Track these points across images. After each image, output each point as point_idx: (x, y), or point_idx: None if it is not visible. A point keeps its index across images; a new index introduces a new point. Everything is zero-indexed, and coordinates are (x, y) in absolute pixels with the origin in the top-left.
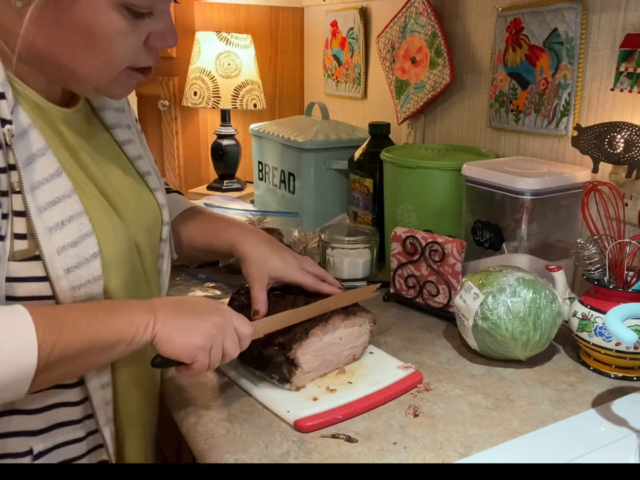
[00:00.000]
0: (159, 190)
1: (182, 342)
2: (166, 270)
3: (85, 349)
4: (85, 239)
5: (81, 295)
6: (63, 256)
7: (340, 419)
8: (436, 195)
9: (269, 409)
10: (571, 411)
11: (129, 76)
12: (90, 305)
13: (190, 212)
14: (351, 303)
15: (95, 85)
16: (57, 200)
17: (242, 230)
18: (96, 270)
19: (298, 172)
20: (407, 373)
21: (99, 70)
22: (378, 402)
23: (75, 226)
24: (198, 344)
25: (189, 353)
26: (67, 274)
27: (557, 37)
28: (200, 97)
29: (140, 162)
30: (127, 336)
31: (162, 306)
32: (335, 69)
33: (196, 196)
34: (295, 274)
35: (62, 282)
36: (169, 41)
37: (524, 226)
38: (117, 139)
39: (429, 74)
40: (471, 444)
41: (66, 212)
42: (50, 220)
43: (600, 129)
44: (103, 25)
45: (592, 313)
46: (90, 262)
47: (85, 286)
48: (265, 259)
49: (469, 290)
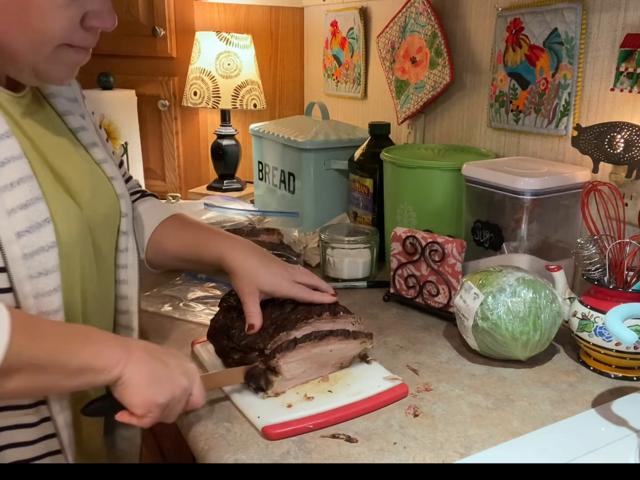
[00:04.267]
0: (117, 179)
1: (146, 393)
2: (133, 263)
3: (53, 366)
4: (36, 203)
5: (35, 265)
6: (13, 218)
7: (311, 428)
8: (436, 195)
9: (242, 413)
10: (571, 411)
11: (64, 54)
12: (71, 325)
13: (173, 220)
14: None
15: (31, 64)
16: (5, 162)
17: (230, 243)
18: (49, 236)
19: (298, 172)
20: (392, 385)
21: (33, 46)
22: (354, 413)
23: (25, 188)
24: (159, 402)
25: (146, 407)
26: (19, 238)
27: (557, 37)
28: (200, 97)
29: (96, 150)
30: (97, 366)
31: (137, 348)
32: (335, 69)
33: (196, 196)
34: (286, 288)
35: (13, 247)
36: (106, 22)
37: (524, 226)
38: (70, 126)
39: (429, 74)
40: (471, 444)
41: (15, 174)
42: (8, 203)
43: (600, 129)
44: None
45: (592, 313)
46: (43, 227)
47: (39, 254)
48: (255, 273)
49: (469, 290)
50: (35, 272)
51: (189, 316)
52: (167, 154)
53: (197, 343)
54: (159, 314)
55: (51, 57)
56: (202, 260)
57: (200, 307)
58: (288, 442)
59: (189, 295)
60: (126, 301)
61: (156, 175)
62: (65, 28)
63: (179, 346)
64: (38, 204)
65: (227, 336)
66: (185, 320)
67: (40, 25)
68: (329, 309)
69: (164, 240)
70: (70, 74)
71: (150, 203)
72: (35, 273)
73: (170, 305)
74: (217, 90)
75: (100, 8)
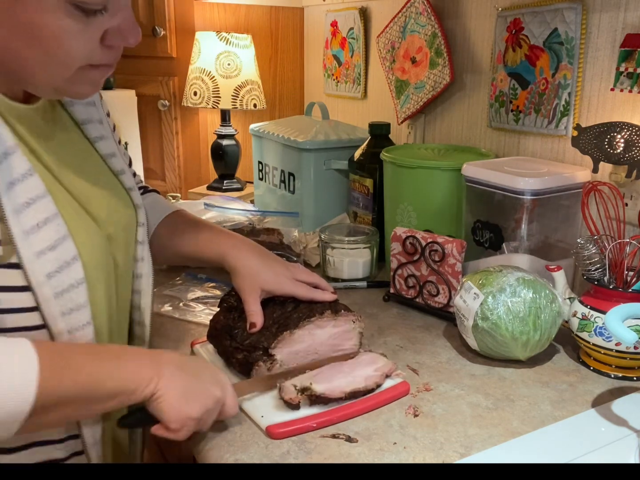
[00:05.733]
0: (134, 189)
1: (181, 409)
2: (147, 273)
3: (87, 396)
4: (63, 242)
5: (67, 303)
6: (43, 260)
7: (315, 427)
8: (436, 195)
9: (245, 412)
10: (571, 411)
11: (86, 74)
12: (98, 347)
13: (175, 216)
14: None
15: (52, 85)
16: (30, 202)
17: (231, 241)
18: (78, 274)
19: (298, 172)
20: (394, 382)
21: (51, 72)
22: (357, 411)
23: (52, 228)
24: (193, 416)
25: (181, 422)
26: (49, 279)
27: (557, 37)
28: (200, 97)
29: (114, 160)
30: (129, 387)
31: (168, 363)
32: (335, 69)
33: (196, 196)
34: (287, 286)
35: (44, 289)
36: (129, 39)
37: (524, 226)
38: (88, 136)
39: (429, 74)
40: (471, 444)
41: (42, 214)
42: (26, 223)
43: (600, 129)
44: (50, 25)
45: (592, 313)
46: (71, 265)
47: (70, 291)
48: (256, 272)
49: (469, 290)
50: (67, 309)
51: (189, 316)
52: (167, 154)
53: (196, 343)
54: (159, 314)
55: (72, 78)
56: (202, 258)
57: (200, 307)
58: (288, 442)
59: (189, 295)
60: (139, 312)
61: (156, 175)
62: (84, 52)
63: (178, 346)
64: (66, 243)
65: (230, 336)
66: (185, 320)
67: (59, 53)
68: (330, 307)
69: (165, 236)
70: (94, 90)
71: (153, 199)
72: (67, 310)
73: (170, 305)
74: (217, 90)
75: (121, 24)
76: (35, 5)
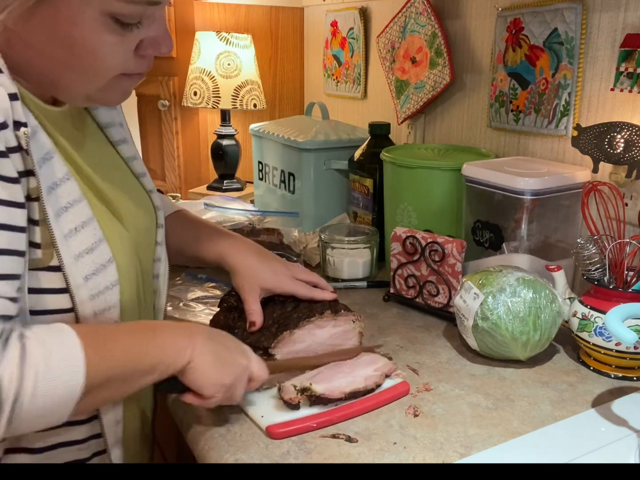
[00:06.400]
0: (154, 191)
1: (213, 376)
2: (164, 274)
3: (128, 373)
4: (100, 245)
5: (100, 304)
6: (81, 264)
7: (315, 427)
8: (436, 195)
9: (245, 412)
10: (571, 411)
11: (119, 83)
12: (132, 325)
13: (176, 216)
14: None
15: (84, 94)
16: (68, 206)
17: (230, 241)
18: (112, 276)
19: (298, 172)
20: (394, 382)
21: (87, 82)
22: (357, 411)
23: (88, 232)
24: (225, 383)
25: (213, 389)
26: (87, 281)
27: (557, 37)
28: (200, 97)
29: (135, 163)
30: (168, 359)
31: (199, 333)
32: (335, 69)
33: (196, 196)
34: (287, 284)
35: (81, 291)
36: (162, 48)
37: (524, 226)
38: (111, 139)
39: (429, 74)
40: (471, 444)
41: (79, 218)
42: (65, 226)
43: (600, 129)
44: (88, 38)
45: (592, 313)
46: (107, 267)
47: (104, 293)
48: (256, 271)
49: (469, 290)
50: (99, 310)
51: (189, 316)
52: (167, 154)
53: None
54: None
55: (105, 87)
56: (202, 257)
57: (200, 307)
58: (288, 442)
59: (189, 295)
60: (154, 312)
61: (156, 175)
62: (120, 63)
63: None
64: (102, 246)
65: None
66: (185, 320)
67: (95, 65)
68: (330, 307)
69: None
70: (124, 97)
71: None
72: (99, 310)
73: (170, 305)
74: (217, 90)
75: (155, 35)
76: (74, 18)
